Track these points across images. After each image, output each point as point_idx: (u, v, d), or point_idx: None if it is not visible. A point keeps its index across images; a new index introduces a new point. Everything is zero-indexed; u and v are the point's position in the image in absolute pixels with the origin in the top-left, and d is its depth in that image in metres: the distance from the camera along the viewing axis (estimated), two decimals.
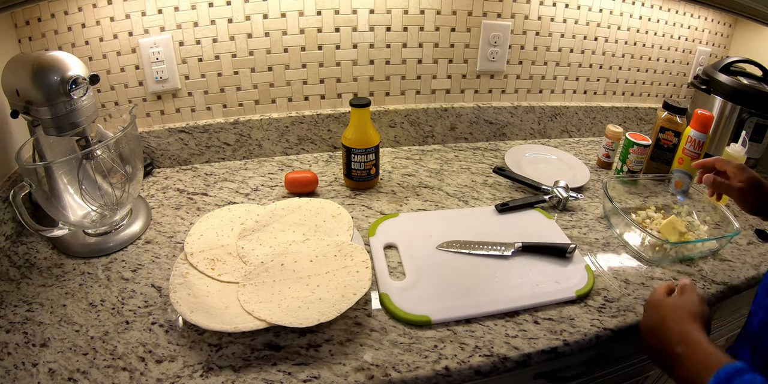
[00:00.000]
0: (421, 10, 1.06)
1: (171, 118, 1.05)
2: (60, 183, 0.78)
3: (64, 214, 0.79)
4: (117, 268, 0.78)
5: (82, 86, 0.71)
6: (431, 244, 0.83)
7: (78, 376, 0.60)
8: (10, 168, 0.87)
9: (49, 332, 0.66)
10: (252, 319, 0.64)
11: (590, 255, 0.85)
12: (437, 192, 1.01)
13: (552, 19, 1.15)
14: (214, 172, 1.06)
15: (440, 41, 1.11)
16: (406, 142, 1.20)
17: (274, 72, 1.05)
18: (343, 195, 0.99)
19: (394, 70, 1.12)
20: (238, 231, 0.81)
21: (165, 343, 0.65)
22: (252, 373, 0.61)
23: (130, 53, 0.96)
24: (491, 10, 1.10)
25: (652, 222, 0.93)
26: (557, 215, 0.95)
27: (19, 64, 0.70)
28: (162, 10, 0.93)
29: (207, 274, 0.72)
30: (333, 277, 0.71)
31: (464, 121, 1.21)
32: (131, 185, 0.82)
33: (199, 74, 1.02)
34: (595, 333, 0.69)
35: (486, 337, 0.67)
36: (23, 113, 0.71)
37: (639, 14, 1.22)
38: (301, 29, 1.02)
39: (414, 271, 0.77)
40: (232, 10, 0.97)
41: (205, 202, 0.96)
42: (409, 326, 0.68)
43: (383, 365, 0.62)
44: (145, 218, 0.88)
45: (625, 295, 0.75)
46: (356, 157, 0.96)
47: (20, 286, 0.74)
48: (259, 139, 1.10)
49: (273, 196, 0.98)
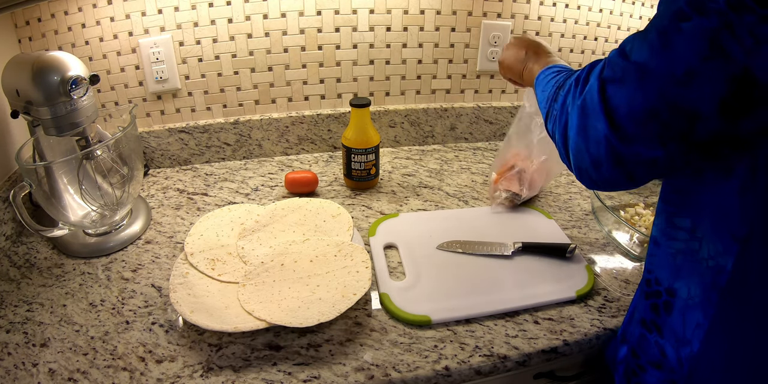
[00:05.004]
0: (421, 10, 1.06)
1: (171, 118, 1.05)
2: (60, 183, 0.78)
3: (64, 214, 0.79)
4: (117, 268, 0.78)
5: (82, 86, 0.71)
6: (431, 244, 0.83)
7: (78, 376, 0.60)
8: (10, 168, 0.87)
9: (49, 332, 0.66)
10: (252, 319, 0.64)
11: (590, 255, 0.85)
12: (437, 192, 1.01)
13: (552, 19, 1.15)
14: (214, 172, 1.06)
15: (440, 41, 1.11)
16: (406, 142, 1.20)
17: (274, 72, 1.05)
18: (343, 195, 0.99)
19: (394, 70, 1.12)
20: (238, 231, 0.81)
21: (165, 343, 0.65)
22: (252, 373, 0.61)
23: (130, 53, 0.96)
24: (491, 10, 1.10)
25: (641, 219, 0.93)
26: (557, 215, 0.95)
27: (19, 64, 0.70)
28: (162, 10, 0.93)
29: (207, 274, 0.72)
30: (333, 277, 0.71)
31: (464, 121, 1.21)
32: (131, 185, 0.82)
33: (199, 74, 1.02)
34: (595, 333, 0.69)
35: (486, 337, 0.67)
36: (23, 113, 0.71)
37: (639, 14, 1.22)
38: (301, 29, 1.02)
39: (414, 271, 0.77)
40: (232, 10, 0.97)
41: (205, 202, 0.96)
42: (409, 326, 0.68)
43: (383, 365, 0.62)
44: (145, 218, 0.88)
45: (625, 295, 0.75)
46: (356, 157, 0.96)
47: (20, 286, 0.74)
48: (259, 139, 1.10)
49: (273, 196, 0.98)
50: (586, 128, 0.49)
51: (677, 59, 0.41)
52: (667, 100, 0.43)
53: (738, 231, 0.47)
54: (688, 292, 0.53)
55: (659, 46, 0.43)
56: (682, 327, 0.53)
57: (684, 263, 0.53)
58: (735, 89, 0.40)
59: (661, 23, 0.43)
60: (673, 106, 0.43)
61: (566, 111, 0.52)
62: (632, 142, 0.46)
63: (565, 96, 0.54)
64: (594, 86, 0.48)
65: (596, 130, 0.48)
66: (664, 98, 0.43)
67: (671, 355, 0.55)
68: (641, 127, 0.45)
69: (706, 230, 0.50)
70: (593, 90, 0.48)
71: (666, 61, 0.42)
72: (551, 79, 0.62)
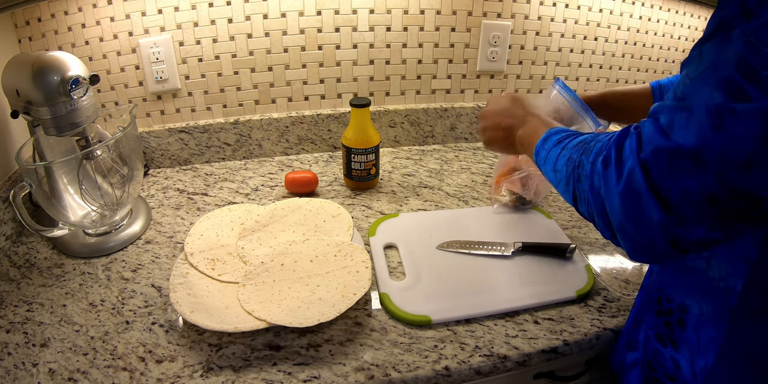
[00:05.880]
0: (421, 10, 1.06)
1: (171, 118, 1.05)
2: (60, 183, 0.78)
3: (64, 214, 0.79)
4: (117, 268, 0.78)
5: (82, 86, 0.71)
6: (431, 244, 0.83)
7: (78, 376, 0.60)
8: (10, 168, 0.87)
9: (49, 332, 0.66)
10: (252, 319, 0.64)
11: (590, 255, 0.85)
12: (437, 192, 1.01)
13: (552, 19, 1.15)
14: (214, 172, 1.06)
15: (440, 41, 1.11)
16: (406, 142, 1.20)
17: (274, 72, 1.05)
18: (343, 195, 0.99)
19: (394, 70, 1.12)
20: (238, 231, 0.81)
21: (165, 343, 0.65)
22: (252, 373, 0.61)
23: (130, 53, 0.96)
24: (491, 10, 1.10)
25: None
26: (557, 215, 0.95)
27: (19, 64, 0.70)
28: (162, 10, 0.93)
29: (207, 274, 0.72)
30: (333, 277, 0.71)
31: (464, 121, 1.21)
32: (131, 185, 0.82)
33: (199, 74, 1.02)
34: (595, 333, 0.69)
35: (486, 337, 0.67)
36: (23, 113, 0.71)
37: (639, 14, 1.22)
38: (301, 29, 1.02)
39: (414, 271, 0.77)
40: (232, 10, 0.97)
41: (205, 202, 0.96)
42: (409, 326, 0.68)
43: (383, 365, 0.62)
44: (145, 218, 0.88)
45: (625, 295, 0.75)
46: (356, 157, 0.96)
47: (20, 286, 0.74)
48: (259, 139, 1.10)
49: (273, 196, 0.98)
50: (635, 213, 0.45)
51: (735, 144, 0.38)
52: (726, 186, 0.39)
53: (750, 254, 0.46)
54: (700, 309, 0.52)
55: (711, 128, 0.39)
56: (696, 341, 0.53)
57: (693, 281, 0.53)
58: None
59: (709, 97, 0.39)
60: (734, 191, 0.39)
61: (600, 195, 0.48)
62: (692, 226, 0.43)
63: (591, 178, 0.49)
64: (637, 172, 0.43)
65: (648, 216, 0.44)
66: (723, 184, 0.39)
67: (685, 369, 0.54)
68: (700, 213, 0.42)
69: (714, 250, 0.50)
70: (637, 177, 0.43)
71: (722, 145, 0.38)
72: (558, 154, 0.57)
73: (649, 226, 0.44)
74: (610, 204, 0.47)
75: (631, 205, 0.45)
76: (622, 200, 0.45)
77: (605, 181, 0.47)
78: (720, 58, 0.39)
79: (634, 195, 0.44)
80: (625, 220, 0.46)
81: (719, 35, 0.40)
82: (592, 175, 0.49)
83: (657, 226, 0.44)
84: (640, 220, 0.45)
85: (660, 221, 0.43)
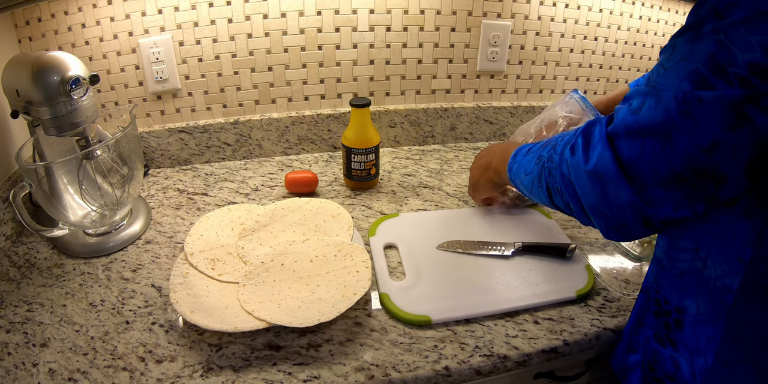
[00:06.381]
0: (421, 10, 1.06)
1: (171, 118, 1.05)
2: (60, 183, 0.78)
3: (64, 214, 0.79)
4: (117, 268, 0.78)
5: (82, 86, 0.71)
6: (431, 244, 0.83)
7: (78, 376, 0.60)
8: (10, 168, 0.87)
9: (49, 332, 0.66)
10: (252, 319, 0.64)
11: (590, 255, 0.85)
12: (437, 192, 1.01)
13: (552, 19, 1.15)
14: (214, 172, 1.06)
15: (440, 41, 1.11)
16: (406, 142, 1.20)
17: (274, 72, 1.05)
18: (343, 195, 0.99)
19: (394, 70, 1.12)
20: (238, 231, 0.81)
21: (165, 343, 0.65)
22: (252, 373, 0.61)
23: (130, 53, 0.96)
24: (491, 10, 1.10)
25: None
26: (557, 215, 0.95)
27: (19, 64, 0.70)
28: (162, 10, 0.93)
29: (207, 274, 0.72)
30: (333, 277, 0.71)
31: (464, 121, 1.21)
32: (131, 185, 0.82)
33: (199, 74, 1.02)
34: (595, 333, 0.69)
35: (486, 337, 0.67)
36: (23, 113, 0.71)
37: (639, 14, 1.22)
38: (301, 29, 1.02)
39: (414, 271, 0.77)
40: (232, 10, 0.97)
41: (205, 202, 0.96)
42: (409, 326, 0.68)
43: (383, 365, 0.62)
44: (145, 218, 0.88)
45: (625, 295, 0.75)
46: (356, 157, 0.96)
47: (20, 286, 0.74)
48: (259, 139, 1.10)
49: (273, 196, 0.98)
50: (606, 194, 0.48)
51: (701, 130, 0.41)
52: (693, 167, 0.42)
53: (744, 253, 0.47)
54: (697, 308, 0.53)
55: (678, 114, 0.42)
56: (695, 340, 0.53)
57: (690, 282, 0.53)
58: (759, 153, 0.40)
59: (678, 86, 0.42)
60: (700, 172, 0.42)
61: (571, 182, 0.51)
62: (660, 205, 0.46)
63: (560, 167, 0.52)
64: (606, 155, 0.46)
65: (618, 196, 0.47)
66: (690, 165, 0.43)
67: (685, 368, 0.55)
68: (668, 192, 0.44)
69: (710, 250, 0.50)
70: (606, 159, 0.47)
71: (688, 130, 0.42)
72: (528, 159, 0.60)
73: (619, 205, 0.47)
74: (581, 186, 0.50)
75: (600, 186, 0.48)
76: (592, 181, 0.48)
77: (574, 166, 0.50)
78: (691, 52, 0.41)
79: (604, 175, 0.47)
80: (596, 200, 0.49)
81: (693, 31, 0.42)
82: (561, 164, 0.52)
83: (627, 205, 0.47)
84: (609, 200, 0.48)
85: (631, 200, 0.46)
